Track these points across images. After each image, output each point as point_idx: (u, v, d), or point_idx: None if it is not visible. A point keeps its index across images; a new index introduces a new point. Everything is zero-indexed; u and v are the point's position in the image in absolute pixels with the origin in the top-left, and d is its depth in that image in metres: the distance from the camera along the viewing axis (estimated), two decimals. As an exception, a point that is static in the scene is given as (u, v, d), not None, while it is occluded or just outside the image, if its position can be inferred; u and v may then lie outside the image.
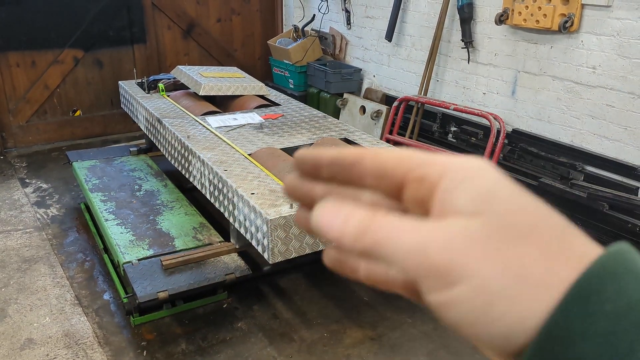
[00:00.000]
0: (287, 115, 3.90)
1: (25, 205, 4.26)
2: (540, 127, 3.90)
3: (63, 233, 3.86)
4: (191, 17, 5.95)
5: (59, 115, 5.58)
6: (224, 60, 6.20)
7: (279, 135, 3.48)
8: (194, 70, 4.38)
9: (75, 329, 2.88)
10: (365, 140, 3.39)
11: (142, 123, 4.25)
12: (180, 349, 2.74)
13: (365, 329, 2.89)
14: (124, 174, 4.10)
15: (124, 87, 4.60)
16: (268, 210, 2.46)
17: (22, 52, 5.24)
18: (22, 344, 2.77)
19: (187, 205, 3.63)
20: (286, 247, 2.48)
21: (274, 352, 2.73)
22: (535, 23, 3.65)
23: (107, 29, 5.54)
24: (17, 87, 5.32)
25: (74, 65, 5.49)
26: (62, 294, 3.17)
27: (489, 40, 4.16)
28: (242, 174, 2.86)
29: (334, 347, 2.76)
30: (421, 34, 4.75)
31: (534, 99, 3.91)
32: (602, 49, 3.43)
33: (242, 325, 2.91)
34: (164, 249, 3.09)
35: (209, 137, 3.41)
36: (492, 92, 4.22)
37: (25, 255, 3.56)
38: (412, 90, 4.88)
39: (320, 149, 0.36)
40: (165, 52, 5.92)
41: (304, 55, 5.68)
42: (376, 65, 5.32)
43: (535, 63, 3.85)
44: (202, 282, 2.84)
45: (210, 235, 3.25)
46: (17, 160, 5.18)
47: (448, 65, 4.55)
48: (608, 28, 3.38)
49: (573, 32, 3.56)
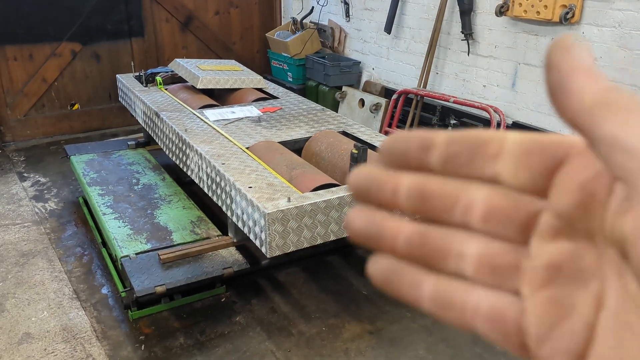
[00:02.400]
0: (286, 108, 3.87)
1: (23, 199, 4.25)
2: (540, 119, 3.88)
3: (61, 227, 3.85)
4: (189, 10, 5.91)
5: (57, 108, 5.55)
6: (222, 53, 6.16)
7: (277, 129, 3.46)
8: (192, 63, 4.35)
9: (73, 323, 2.87)
10: (364, 134, 3.37)
11: (140, 116, 4.23)
12: (178, 343, 2.73)
13: (364, 322, 2.88)
14: (122, 167, 4.08)
15: (121, 80, 4.57)
16: (266, 204, 2.45)
17: (19, 45, 5.21)
18: (19, 339, 2.76)
19: (185, 199, 3.61)
20: (284, 240, 2.46)
21: (272, 346, 2.72)
22: (536, 14, 3.62)
23: (104, 22, 5.50)
24: (14, 80, 5.29)
25: (72, 59, 5.46)
26: (60, 288, 3.16)
27: (489, 32, 4.13)
28: (239, 168, 2.84)
29: (332, 341, 2.75)
30: (420, 26, 4.71)
31: (535, 91, 3.88)
32: (604, 41, 3.40)
33: (240, 319, 2.90)
34: (161, 243, 3.08)
35: (206, 130, 3.39)
36: (492, 85, 4.20)
37: (23, 249, 3.55)
38: (412, 83, 4.85)
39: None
40: (163, 45, 5.89)
41: (303, 47, 5.65)
42: (375, 57, 5.29)
43: (536, 55, 3.82)
44: (200, 276, 2.83)
45: (208, 229, 3.23)
46: (15, 154, 5.16)
47: (448, 57, 4.51)
48: (609, 19, 3.35)
49: (574, 24, 3.52)
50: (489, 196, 0.27)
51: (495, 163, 0.27)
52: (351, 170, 0.31)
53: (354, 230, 0.31)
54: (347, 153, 2.92)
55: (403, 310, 2.96)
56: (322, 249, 3.26)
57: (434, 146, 0.28)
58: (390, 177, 0.29)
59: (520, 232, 0.27)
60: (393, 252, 0.30)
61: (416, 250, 0.29)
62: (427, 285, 0.29)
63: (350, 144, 3.03)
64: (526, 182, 0.26)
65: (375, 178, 0.30)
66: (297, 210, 2.44)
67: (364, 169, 0.30)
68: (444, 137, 0.28)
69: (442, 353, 2.69)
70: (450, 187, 0.28)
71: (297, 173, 2.78)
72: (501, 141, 0.27)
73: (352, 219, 0.31)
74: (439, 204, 0.28)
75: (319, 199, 2.49)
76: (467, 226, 0.28)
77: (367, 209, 0.30)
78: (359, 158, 2.71)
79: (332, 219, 2.54)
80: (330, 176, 2.87)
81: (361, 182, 0.30)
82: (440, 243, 0.28)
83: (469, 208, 0.27)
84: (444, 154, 0.28)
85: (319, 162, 3.11)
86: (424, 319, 2.90)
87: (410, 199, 0.29)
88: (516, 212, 0.27)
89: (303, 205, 2.44)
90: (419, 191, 0.29)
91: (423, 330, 2.83)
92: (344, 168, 2.92)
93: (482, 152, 0.27)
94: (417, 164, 0.29)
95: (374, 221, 0.30)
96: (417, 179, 0.29)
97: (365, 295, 3.10)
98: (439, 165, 0.28)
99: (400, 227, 0.29)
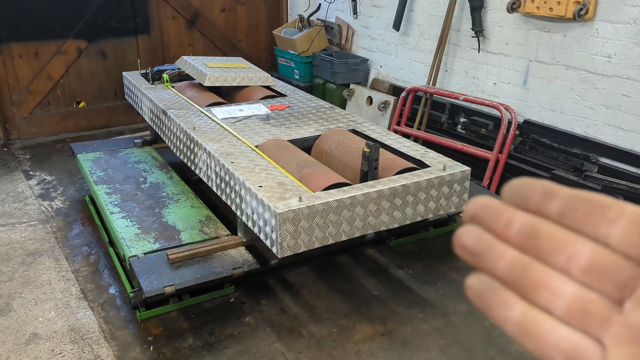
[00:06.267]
0: (294, 106, 3.83)
1: (30, 197, 4.22)
2: (553, 117, 3.82)
3: (68, 226, 3.82)
4: (195, 7, 5.87)
5: (63, 106, 5.53)
6: (228, 51, 6.12)
7: (285, 127, 3.41)
8: (199, 60, 4.31)
9: (81, 323, 2.84)
10: (375, 132, 3.32)
11: (147, 114, 4.19)
12: (187, 344, 2.70)
13: (375, 324, 2.84)
14: (129, 166, 4.05)
15: (128, 78, 4.54)
16: (277, 203, 2.40)
17: (24, 43, 5.18)
18: (27, 339, 2.73)
19: (193, 197, 3.57)
20: (295, 241, 2.42)
21: (283, 348, 2.68)
22: (548, 11, 3.56)
23: (110, 19, 5.47)
24: (20, 78, 5.26)
25: (78, 56, 5.43)
26: (67, 287, 3.13)
27: (500, 28, 4.07)
28: (249, 166, 2.80)
29: (343, 343, 2.71)
30: (430, 22, 4.66)
31: (547, 89, 3.83)
32: (618, 37, 3.34)
33: (250, 320, 2.86)
34: (170, 243, 3.04)
35: (214, 128, 3.35)
36: (503, 82, 4.14)
37: (30, 248, 3.52)
38: (421, 81, 4.80)
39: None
40: (170, 43, 5.85)
41: (310, 45, 5.60)
42: (383, 55, 5.24)
43: (548, 52, 3.76)
44: (209, 277, 2.79)
45: (217, 229, 3.19)
46: (21, 152, 5.14)
47: (457, 54, 4.46)
48: (624, 16, 3.29)
49: (588, 20, 3.47)
50: (595, 251, 0.30)
51: (610, 226, 0.30)
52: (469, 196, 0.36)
53: (462, 245, 0.33)
54: (358, 152, 2.88)
55: (414, 311, 2.92)
56: (331, 248, 3.22)
57: (557, 196, 0.32)
58: (507, 211, 0.33)
59: (615, 291, 0.29)
60: (493, 272, 0.32)
61: (515, 276, 0.31)
62: (516, 309, 0.31)
63: (360, 142, 2.98)
64: (634, 249, 0.29)
65: (492, 207, 0.33)
66: (309, 210, 2.40)
67: (483, 198, 0.34)
68: (568, 192, 0.32)
69: (455, 355, 2.64)
70: (561, 233, 0.31)
71: (307, 172, 2.74)
72: (622, 209, 0.30)
73: (463, 235, 0.33)
74: (547, 245, 0.31)
75: (331, 199, 2.44)
76: (568, 272, 0.30)
77: (478, 229, 0.33)
78: (371, 156, 2.67)
79: (343, 218, 2.50)
80: (341, 175, 2.83)
81: (479, 209, 0.33)
82: (539, 276, 0.31)
83: (574, 256, 0.30)
84: (563, 206, 0.31)
85: (330, 160, 3.06)
86: (436, 320, 2.85)
87: (521, 234, 0.32)
88: (617, 272, 0.29)
89: (315, 205, 2.40)
90: (531, 229, 0.32)
91: (435, 331, 2.78)
92: (354, 167, 2.87)
93: (600, 213, 0.30)
94: (536, 208, 0.32)
95: (483, 240, 0.32)
96: (532, 218, 0.32)
97: (376, 296, 3.05)
98: (556, 214, 0.31)
99: (506, 251, 0.32)
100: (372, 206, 2.55)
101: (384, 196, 2.56)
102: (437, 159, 2.91)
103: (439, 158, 2.92)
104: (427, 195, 2.69)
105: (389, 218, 2.62)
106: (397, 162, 2.87)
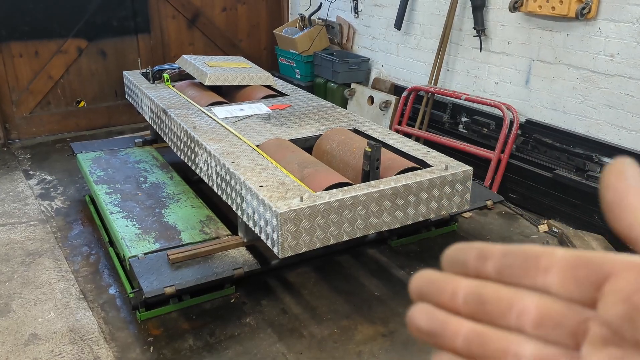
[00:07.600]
0: (295, 105, 3.81)
1: (29, 197, 4.20)
2: (555, 117, 3.80)
3: (68, 226, 3.80)
4: (196, 7, 5.85)
5: (63, 106, 5.51)
6: (229, 50, 6.11)
7: (287, 126, 3.39)
8: (200, 59, 4.29)
9: (81, 324, 2.82)
10: (376, 131, 3.30)
11: (147, 114, 4.18)
12: (187, 345, 2.68)
13: (377, 324, 2.82)
14: (129, 165, 4.03)
15: (128, 77, 4.52)
16: (278, 203, 2.39)
17: (25, 42, 5.17)
18: (26, 340, 2.71)
19: (193, 197, 3.55)
20: (296, 241, 2.40)
21: (284, 349, 2.66)
22: (550, 10, 3.54)
23: (110, 18, 5.45)
24: (20, 77, 5.25)
25: (78, 56, 5.41)
26: (67, 288, 3.11)
27: (502, 28, 4.05)
28: (250, 166, 2.78)
29: (344, 344, 2.70)
30: (431, 22, 4.64)
31: (549, 89, 3.81)
32: (621, 37, 3.32)
33: (251, 321, 2.84)
34: (170, 243, 3.03)
35: (215, 128, 3.33)
36: (504, 82, 4.12)
37: (30, 248, 3.50)
38: (422, 80, 4.78)
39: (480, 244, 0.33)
40: (170, 42, 5.83)
41: (311, 44, 5.58)
42: (384, 54, 5.22)
43: (551, 51, 3.74)
44: (209, 277, 2.77)
45: (218, 229, 3.18)
46: (21, 152, 5.12)
47: (459, 54, 4.44)
48: (627, 14, 3.27)
49: (590, 19, 3.45)
50: (540, 303, 0.30)
51: (545, 275, 0.30)
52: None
53: (417, 327, 0.33)
54: (359, 151, 2.86)
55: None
56: (333, 248, 3.20)
57: (491, 257, 0.32)
58: (450, 280, 0.33)
59: (570, 338, 0.29)
60: (454, 349, 0.32)
61: (476, 349, 0.31)
62: None
63: (362, 142, 2.97)
64: (574, 293, 0.29)
65: (435, 281, 0.33)
66: (310, 210, 2.38)
67: (425, 273, 0.34)
68: (500, 250, 0.32)
69: (457, 356, 2.63)
70: (504, 293, 0.31)
71: (309, 172, 2.72)
72: (551, 256, 0.30)
73: (414, 316, 0.33)
74: (495, 308, 0.31)
75: (332, 198, 2.43)
76: (522, 330, 0.30)
77: (428, 306, 0.33)
78: (373, 156, 2.65)
79: (345, 218, 2.48)
80: (342, 175, 2.81)
81: (422, 284, 0.33)
82: (497, 344, 0.31)
83: (522, 313, 0.30)
84: (498, 265, 0.32)
85: (331, 160, 3.04)
86: (438, 321, 2.83)
87: (468, 303, 0.32)
88: (566, 319, 0.29)
89: (316, 205, 2.38)
90: (476, 295, 0.32)
91: (437, 332, 2.76)
92: (356, 166, 2.86)
93: (533, 265, 0.31)
94: (475, 272, 0.32)
95: (436, 318, 0.32)
96: (474, 284, 0.32)
97: (378, 297, 3.03)
98: (494, 274, 0.32)
99: (460, 325, 0.32)
100: (373, 206, 2.53)
101: (385, 196, 2.54)
102: (439, 158, 2.89)
103: (441, 158, 2.90)
104: (429, 195, 2.67)
105: (391, 218, 2.60)
106: (398, 161, 2.85)
